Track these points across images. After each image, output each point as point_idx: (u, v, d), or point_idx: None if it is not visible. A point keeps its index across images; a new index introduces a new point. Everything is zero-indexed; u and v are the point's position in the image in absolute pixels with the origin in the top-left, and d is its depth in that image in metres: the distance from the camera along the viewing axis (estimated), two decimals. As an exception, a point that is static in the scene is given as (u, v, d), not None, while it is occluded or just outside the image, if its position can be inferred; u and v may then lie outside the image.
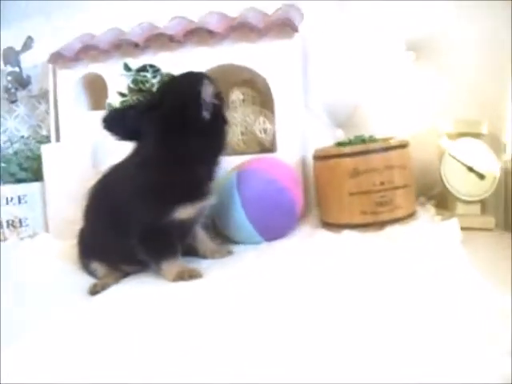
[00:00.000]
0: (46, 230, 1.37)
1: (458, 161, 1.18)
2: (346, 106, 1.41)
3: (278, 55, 1.26)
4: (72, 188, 1.25)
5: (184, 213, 0.96)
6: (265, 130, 1.29)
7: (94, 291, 1.00)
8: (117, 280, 1.04)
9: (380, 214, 1.10)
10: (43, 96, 1.53)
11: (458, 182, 1.18)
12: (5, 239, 1.38)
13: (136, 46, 1.31)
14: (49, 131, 1.48)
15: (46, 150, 1.34)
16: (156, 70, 1.29)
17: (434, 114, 1.30)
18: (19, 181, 1.41)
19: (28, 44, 1.47)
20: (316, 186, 1.23)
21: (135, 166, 1.00)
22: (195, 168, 0.96)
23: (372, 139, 1.17)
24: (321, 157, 1.17)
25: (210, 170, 1.00)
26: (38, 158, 1.37)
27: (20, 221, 1.37)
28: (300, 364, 0.56)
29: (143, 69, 1.30)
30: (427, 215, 1.17)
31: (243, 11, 1.32)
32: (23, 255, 1.21)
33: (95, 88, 1.42)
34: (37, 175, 1.38)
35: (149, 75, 1.28)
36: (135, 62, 1.32)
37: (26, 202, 1.37)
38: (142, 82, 1.28)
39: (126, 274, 1.06)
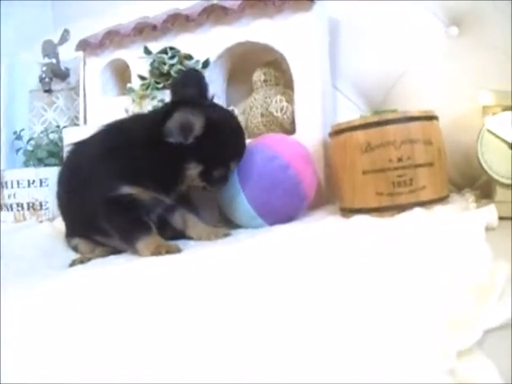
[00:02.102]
0: (65, 213, 1.34)
1: (498, 137, 0.97)
2: (381, 86, 1.27)
3: (296, 29, 1.15)
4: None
5: (131, 189, 0.90)
6: (281, 109, 1.17)
7: (72, 264, 0.97)
8: (99, 256, 0.99)
9: (398, 195, 0.93)
10: (78, 87, 1.51)
11: (498, 163, 0.95)
12: (24, 220, 1.37)
13: (155, 28, 1.27)
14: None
15: (67, 134, 1.33)
16: (175, 52, 1.23)
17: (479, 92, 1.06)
18: (47, 166, 1.42)
19: (64, 36, 1.49)
20: (331, 166, 1.09)
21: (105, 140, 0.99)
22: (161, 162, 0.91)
23: (393, 111, 0.99)
24: (334, 132, 1.02)
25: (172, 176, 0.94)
26: None
27: (40, 204, 1.37)
28: (278, 353, 0.44)
29: (163, 51, 1.25)
30: (461, 202, 0.97)
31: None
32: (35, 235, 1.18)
33: (124, 74, 1.40)
34: (64, 162, 1.37)
35: (166, 57, 1.22)
36: (157, 46, 1.27)
37: (47, 185, 1.36)
38: (160, 64, 1.23)
39: (114, 251, 1.00)
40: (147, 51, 1.27)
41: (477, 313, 0.45)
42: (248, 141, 1.07)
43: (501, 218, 0.82)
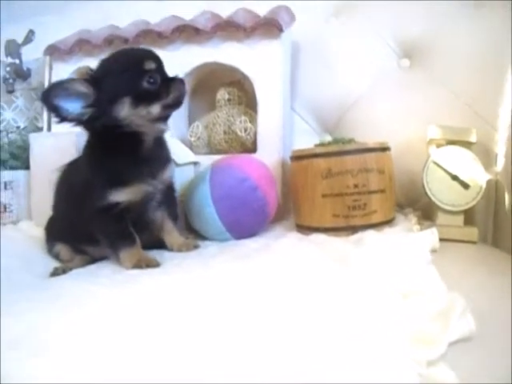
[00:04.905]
0: (29, 217, 1.42)
1: (442, 168, 1.15)
2: (335, 111, 1.43)
3: (263, 55, 1.29)
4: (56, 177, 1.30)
5: (119, 196, 0.99)
6: (245, 129, 1.32)
7: (54, 273, 1.06)
8: (82, 264, 1.09)
9: (353, 218, 1.10)
10: (42, 89, 1.56)
11: (441, 191, 1.15)
12: None
13: (126, 41, 1.37)
14: (45, 123, 1.55)
15: (33, 139, 1.40)
16: (144, 65, 1.33)
17: (426, 122, 1.24)
18: (10, 168, 1.47)
19: (29, 37, 1.55)
20: (291, 187, 1.24)
21: (83, 154, 1.08)
22: (125, 152, 1.00)
23: (350, 141, 1.16)
24: (296, 157, 1.18)
25: (144, 153, 1.02)
26: (29, 148, 1.42)
27: (4, 206, 1.44)
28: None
29: (132, 64, 1.34)
30: (406, 224, 1.14)
31: (234, 11, 1.35)
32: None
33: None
34: (27, 164, 1.43)
35: (135, 70, 1.31)
36: (127, 58, 1.36)
37: (11, 188, 1.44)
38: (129, 76, 1.32)
39: (91, 260, 1.11)
40: (118, 63, 1.35)
41: (441, 331, 0.60)
42: (217, 157, 1.22)
43: (441, 240, 1.00)
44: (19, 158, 1.48)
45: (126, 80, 0.97)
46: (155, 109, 0.99)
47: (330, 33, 1.47)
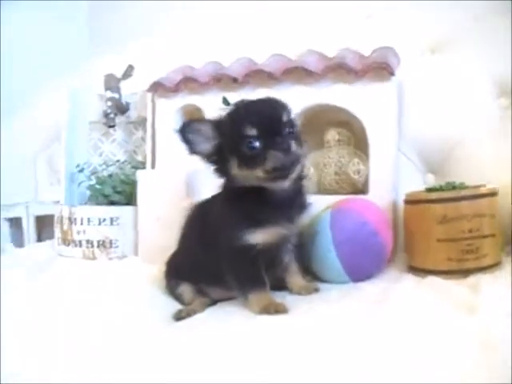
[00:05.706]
0: (135, 253, 1.49)
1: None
2: (440, 152, 1.47)
3: (375, 98, 1.35)
4: (164, 214, 1.37)
5: (255, 237, 1.04)
6: (358, 172, 1.38)
7: (179, 317, 1.11)
8: (203, 307, 1.14)
9: (466, 261, 1.15)
10: (140, 123, 1.67)
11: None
12: (94, 258, 1.51)
13: (235, 80, 1.42)
14: (144, 157, 1.62)
15: (141, 176, 1.47)
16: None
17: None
18: (112, 203, 1.55)
19: (128, 72, 1.63)
20: (404, 229, 1.30)
21: (219, 194, 1.13)
22: (261, 196, 1.04)
23: (462, 186, 1.22)
24: (411, 201, 1.25)
25: (280, 198, 1.06)
26: (131, 183, 1.51)
27: (110, 242, 1.51)
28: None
29: (242, 104, 1.39)
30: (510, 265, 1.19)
31: (340, 51, 1.42)
32: (112, 275, 1.32)
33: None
34: (129, 199, 1.52)
35: (245, 110, 1.37)
36: (233, 97, 1.40)
37: (117, 224, 1.51)
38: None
39: (212, 302, 1.17)
40: (226, 102, 1.41)
41: None
42: (327, 197, 1.28)
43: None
44: (122, 192, 1.54)
45: (232, 141, 1.02)
46: (258, 173, 0.99)
47: (426, 71, 1.51)
